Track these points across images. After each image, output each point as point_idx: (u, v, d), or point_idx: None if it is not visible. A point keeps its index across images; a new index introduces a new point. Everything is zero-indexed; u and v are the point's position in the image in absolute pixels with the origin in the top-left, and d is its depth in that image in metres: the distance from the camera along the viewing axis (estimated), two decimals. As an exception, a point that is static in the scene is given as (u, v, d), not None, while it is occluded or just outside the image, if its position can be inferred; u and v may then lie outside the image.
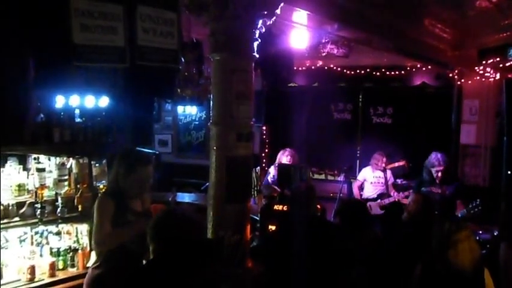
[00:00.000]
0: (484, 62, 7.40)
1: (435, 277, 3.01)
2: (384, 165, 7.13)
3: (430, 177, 5.48)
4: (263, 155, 9.03)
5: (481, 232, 5.08)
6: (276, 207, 5.08)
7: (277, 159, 6.80)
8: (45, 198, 3.80)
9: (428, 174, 5.51)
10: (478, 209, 4.90)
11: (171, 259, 2.34)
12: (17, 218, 3.70)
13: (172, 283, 2.31)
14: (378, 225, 6.64)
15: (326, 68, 8.74)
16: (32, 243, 3.80)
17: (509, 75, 7.66)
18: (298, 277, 3.33)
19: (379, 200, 6.98)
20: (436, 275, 3.00)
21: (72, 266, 3.94)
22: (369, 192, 7.20)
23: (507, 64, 7.11)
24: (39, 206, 3.73)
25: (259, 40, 4.12)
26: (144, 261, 3.25)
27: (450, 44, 7.28)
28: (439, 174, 5.38)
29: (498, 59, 7.05)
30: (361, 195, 7.30)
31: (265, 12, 4.01)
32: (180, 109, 7.71)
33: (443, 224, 3.08)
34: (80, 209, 3.99)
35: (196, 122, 9.92)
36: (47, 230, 3.90)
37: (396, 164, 7.35)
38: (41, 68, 3.06)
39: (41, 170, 3.79)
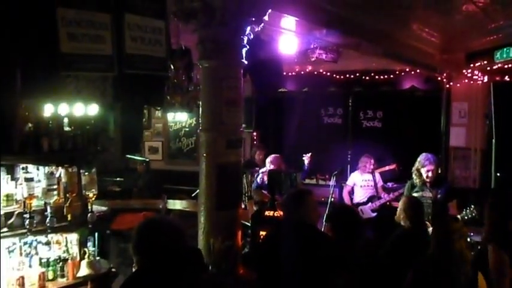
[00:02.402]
0: (471, 65, 7.50)
1: (427, 282, 3.02)
2: (371, 167, 7.15)
3: (420, 179, 5.49)
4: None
5: (472, 234, 5.11)
6: (267, 213, 5.08)
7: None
8: (33, 208, 3.75)
9: (419, 177, 5.52)
10: (473, 215, 4.93)
11: (157, 268, 2.31)
12: (5, 229, 3.65)
13: None
14: (370, 229, 6.66)
15: (316, 73, 8.78)
16: (21, 254, 3.75)
17: (497, 78, 7.74)
18: (289, 284, 3.32)
19: (369, 203, 6.99)
20: (428, 280, 3.01)
21: (62, 276, 3.89)
22: (359, 196, 7.21)
23: (494, 67, 7.21)
24: (27, 216, 3.68)
25: (248, 47, 4.14)
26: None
27: (438, 48, 7.36)
28: (430, 174, 5.39)
29: (485, 62, 7.15)
30: (351, 199, 7.31)
31: (253, 19, 4.04)
32: (170, 116, 7.68)
33: (439, 225, 3.11)
34: (69, 218, 3.94)
35: (187, 129, 9.90)
36: (36, 240, 3.85)
37: (387, 168, 7.38)
38: (28, 77, 3.03)
39: (29, 180, 3.75)
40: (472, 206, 4.95)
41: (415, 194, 5.36)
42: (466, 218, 4.97)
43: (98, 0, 2.99)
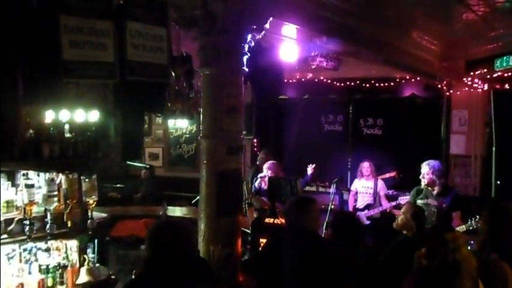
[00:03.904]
0: (471, 73, 7.52)
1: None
2: (368, 172, 7.14)
3: (425, 185, 5.54)
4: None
5: (472, 242, 5.09)
6: (267, 220, 5.07)
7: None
8: (34, 215, 3.73)
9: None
10: (478, 225, 4.93)
11: (160, 270, 2.31)
12: (5, 236, 3.64)
13: None
14: (367, 236, 6.63)
15: (316, 80, 8.80)
16: (20, 261, 3.73)
17: (497, 86, 7.76)
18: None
19: (366, 211, 6.96)
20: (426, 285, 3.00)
21: (61, 283, 3.87)
22: (359, 202, 7.21)
23: (494, 75, 7.22)
24: (27, 222, 3.67)
25: (249, 54, 4.16)
26: None
27: (438, 56, 7.39)
28: (425, 181, 5.44)
29: (485, 70, 7.16)
30: (354, 206, 7.30)
31: (254, 27, 4.06)
32: (170, 122, 7.69)
33: (440, 234, 3.10)
34: (69, 224, 3.93)
35: (187, 135, 9.91)
36: (35, 246, 3.83)
37: (387, 175, 7.37)
38: (30, 83, 3.05)
39: (29, 186, 3.73)
40: (477, 217, 4.94)
41: (419, 201, 5.33)
42: (471, 228, 4.96)
43: (100, 7, 3.01)
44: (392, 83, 8.54)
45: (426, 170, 5.45)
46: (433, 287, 2.95)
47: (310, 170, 7.10)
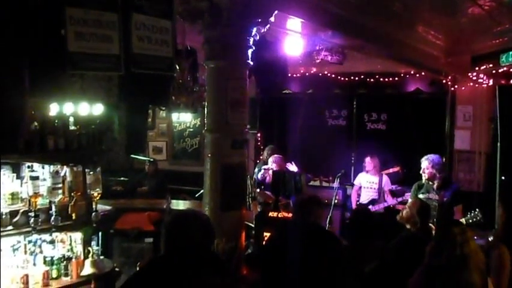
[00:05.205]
0: (477, 68, 7.47)
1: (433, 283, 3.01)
2: (372, 167, 7.13)
3: (426, 180, 5.54)
4: (258, 161, 9.03)
5: (475, 237, 5.09)
6: (271, 214, 5.08)
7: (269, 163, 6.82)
8: (38, 207, 3.76)
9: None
10: (477, 218, 4.93)
11: (172, 263, 2.32)
12: (10, 227, 3.67)
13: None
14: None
15: (320, 74, 8.77)
16: (25, 252, 3.76)
17: (502, 81, 7.71)
18: (293, 285, 3.32)
19: (370, 206, 6.96)
20: (433, 281, 3.00)
21: (66, 275, 3.90)
22: (363, 197, 7.20)
23: (500, 70, 7.17)
24: (32, 214, 3.69)
25: (254, 47, 4.15)
26: None
27: (443, 51, 7.34)
28: (426, 176, 5.46)
29: (491, 65, 7.11)
30: (357, 201, 7.29)
31: (260, 20, 4.05)
32: (174, 116, 7.69)
33: (448, 228, 3.10)
34: (74, 217, 3.96)
35: (191, 129, 9.93)
36: (40, 238, 3.86)
37: (391, 170, 7.37)
38: (35, 75, 3.04)
39: (34, 178, 3.75)
40: (477, 210, 4.95)
41: (421, 196, 5.35)
42: (470, 221, 4.97)
43: (105, -1, 3.01)
44: (396, 78, 8.51)
45: (426, 164, 5.48)
46: (441, 281, 2.94)
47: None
